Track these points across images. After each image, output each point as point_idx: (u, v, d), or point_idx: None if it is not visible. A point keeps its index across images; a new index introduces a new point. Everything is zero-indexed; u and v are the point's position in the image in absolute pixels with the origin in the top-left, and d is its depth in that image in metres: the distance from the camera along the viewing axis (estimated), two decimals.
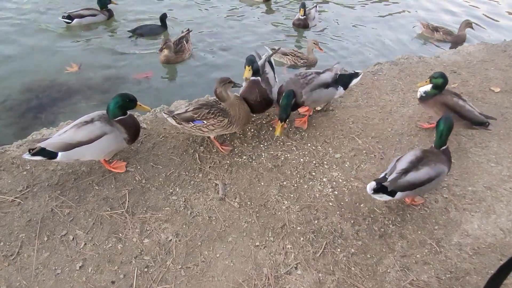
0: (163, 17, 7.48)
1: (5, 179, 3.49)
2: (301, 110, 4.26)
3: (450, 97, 3.89)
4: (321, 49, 6.55)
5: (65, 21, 7.45)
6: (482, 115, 3.91)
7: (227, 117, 3.62)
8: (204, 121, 3.59)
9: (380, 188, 3.05)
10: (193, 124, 3.63)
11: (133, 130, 3.45)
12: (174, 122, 3.72)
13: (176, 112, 3.71)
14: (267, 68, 4.17)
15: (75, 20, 7.46)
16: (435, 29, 7.78)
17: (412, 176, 3.06)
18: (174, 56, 6.53)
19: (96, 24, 7.66)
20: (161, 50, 6.44)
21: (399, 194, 3.09)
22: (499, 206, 3.51)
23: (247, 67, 3.74)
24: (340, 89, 4.14)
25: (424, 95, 3.98)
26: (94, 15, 7.64)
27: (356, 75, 4.26)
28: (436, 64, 5.48)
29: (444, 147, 3.26)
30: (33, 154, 3.21)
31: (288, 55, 6.73)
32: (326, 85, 4.01)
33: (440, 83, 3.87)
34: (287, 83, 3.96)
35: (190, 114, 3.63)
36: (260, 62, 4.11)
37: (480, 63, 5.52)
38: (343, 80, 4.16)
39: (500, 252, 3.15)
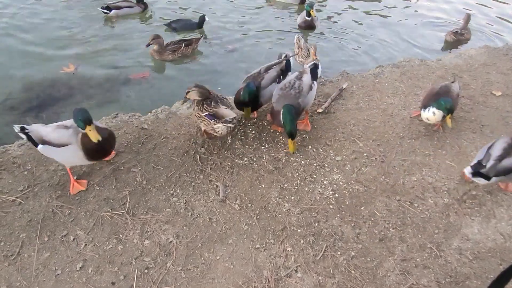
0: (202, 19, 7.54)
1: (6, 179, 3.49)
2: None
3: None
4: (315, 56, 6.49)
5: (103, 11, 7.76)
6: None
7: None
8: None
9: (477, 173, 3.39)
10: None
11: (92, 150, 3.16)
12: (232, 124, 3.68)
13: (230, 118, 3.63)
14: (273, 70, 4.24)
15: (113, 11, 7.78)
16: (461, 33, 7.78)
17: (508, 162, 3.36)
18: (161, 53, 6.58)
19: (131, 16, 7.97)
20: (147, 45, 6.53)
21: (494, 179, 3.39)
22: (499, 210, 3.51)
23: (245, 109, 3.92)
24: (315, 84, 4.23)
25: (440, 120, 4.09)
26: (130, 7, 7.97)
27: (316, 66, 4.41)
28: (438, 67, 5.48)
29: None
30: (21, 131, 3.25)
31: (299, 48, 6.65)
32: (310, 87, 4.08)
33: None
34: (278, 101, 3.87)
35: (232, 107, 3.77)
36: (272, 72, 4.22)
37: (481, 66, 5.52)
38: (314, 75, 4.26)
39: (500, 257, 3.15)
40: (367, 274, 2.99)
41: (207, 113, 3.64)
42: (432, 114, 4.02)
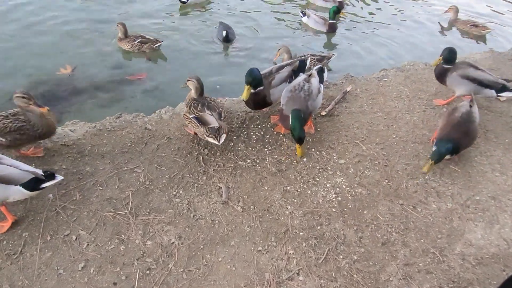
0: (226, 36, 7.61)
1: None
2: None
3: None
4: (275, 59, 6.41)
5: (180, 1, 8.23)
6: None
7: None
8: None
9: None
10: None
11: None
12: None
13: (212, 125, 3.60)
14: (284, 70, 4.28)
15: None
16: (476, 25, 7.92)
17: None
18: (120, 41, 6.82)
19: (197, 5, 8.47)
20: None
21: None
22: (503, 216, 3.50)
23: (246, 86, 3.87)
24: (322, 87, 4.21)
25: None
26: None
27: (322, 69, 4.37)
28: None
29: None
30: None
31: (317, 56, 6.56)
32: (318, 90, 4.09)
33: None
34: (287, 103, 3.86)
35: (219, 111, 3.78)
36: (284, 73, 4.26)
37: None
38: (320, 78, 4.24)
39: (503, 263, 3.14)
40: (369, 279, 2.98)
41: (194, 115, 3.69)
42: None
